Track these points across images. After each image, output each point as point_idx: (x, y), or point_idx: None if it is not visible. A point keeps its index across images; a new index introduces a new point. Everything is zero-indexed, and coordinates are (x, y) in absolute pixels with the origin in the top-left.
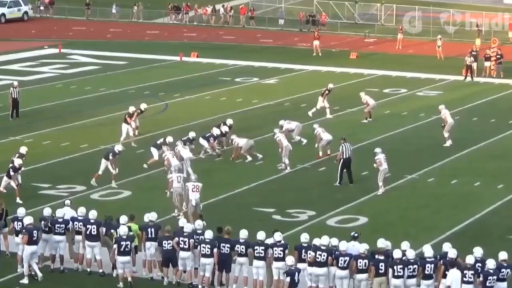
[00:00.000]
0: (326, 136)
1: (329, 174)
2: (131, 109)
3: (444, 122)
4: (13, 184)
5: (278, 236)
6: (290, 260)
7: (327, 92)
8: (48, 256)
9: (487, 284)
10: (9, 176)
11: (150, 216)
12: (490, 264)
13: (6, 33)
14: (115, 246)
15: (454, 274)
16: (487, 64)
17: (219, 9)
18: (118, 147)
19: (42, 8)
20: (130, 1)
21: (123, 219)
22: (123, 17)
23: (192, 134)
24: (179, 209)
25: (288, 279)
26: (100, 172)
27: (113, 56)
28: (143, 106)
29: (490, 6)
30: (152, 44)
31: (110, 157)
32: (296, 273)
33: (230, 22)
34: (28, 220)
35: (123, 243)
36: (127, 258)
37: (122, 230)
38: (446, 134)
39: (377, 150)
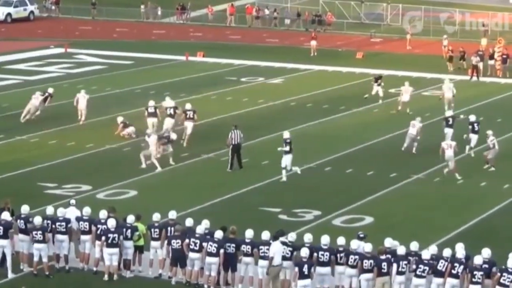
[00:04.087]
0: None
1: (335, 173)
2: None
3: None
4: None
5: (291, 237)
6: (304, 252)
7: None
8: (52, 256)
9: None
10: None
11: (170, 215)
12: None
13: (12, 33)
14: (103, 238)
15: (275, 246)
16: (490, 62)
17: (264, 10)
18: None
19: (53, 7)
20: (137, 0)
21: (130, 218)
22: (130, 16)
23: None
24: None
25: (296, 269)
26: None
27: (119, 56)
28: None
29: (496, 6)
30: (158, 44)
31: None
32: (306, 265)
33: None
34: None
35: (111, 235)
36: (115, 250)
37: (110, 223)
38: None
39: (489, 132)
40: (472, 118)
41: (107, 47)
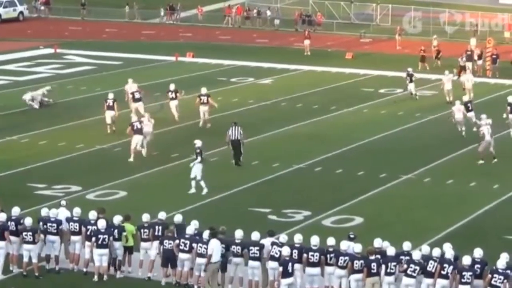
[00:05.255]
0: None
1: (325, 174)
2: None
3: None
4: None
5: (283, 238)
6: (285, 250)
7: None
8: (43, 257)
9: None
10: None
11: (160, 215)
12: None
13: (2, 33)
14: (93, 239)
15: (213, 243)
16: (479, 62)
17: (265, 11)
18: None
19: (42, 8)
20: (124, 1)
21: (117, 219)
22: (120, 17)
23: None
24: None
25: (280, 268)
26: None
27: (108, 56)
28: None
29: (486, 6)
30: (147, 44)
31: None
32: (289, 264)
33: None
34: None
35: (101, 236)
36: (105, 251)
37: (100, 224)
38: None
39: (483, 116)
40: (511, 99)
41: (96, 47)
